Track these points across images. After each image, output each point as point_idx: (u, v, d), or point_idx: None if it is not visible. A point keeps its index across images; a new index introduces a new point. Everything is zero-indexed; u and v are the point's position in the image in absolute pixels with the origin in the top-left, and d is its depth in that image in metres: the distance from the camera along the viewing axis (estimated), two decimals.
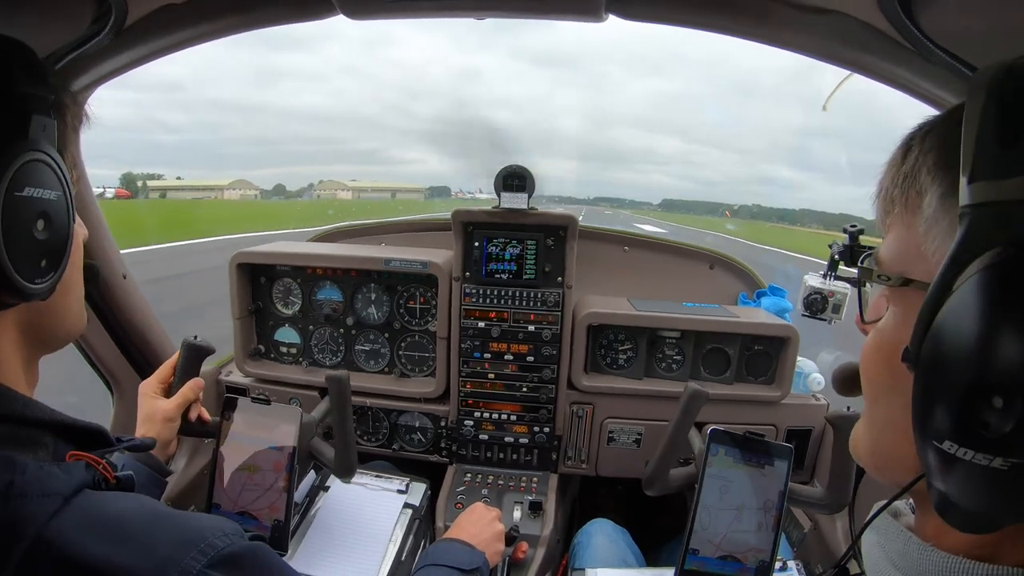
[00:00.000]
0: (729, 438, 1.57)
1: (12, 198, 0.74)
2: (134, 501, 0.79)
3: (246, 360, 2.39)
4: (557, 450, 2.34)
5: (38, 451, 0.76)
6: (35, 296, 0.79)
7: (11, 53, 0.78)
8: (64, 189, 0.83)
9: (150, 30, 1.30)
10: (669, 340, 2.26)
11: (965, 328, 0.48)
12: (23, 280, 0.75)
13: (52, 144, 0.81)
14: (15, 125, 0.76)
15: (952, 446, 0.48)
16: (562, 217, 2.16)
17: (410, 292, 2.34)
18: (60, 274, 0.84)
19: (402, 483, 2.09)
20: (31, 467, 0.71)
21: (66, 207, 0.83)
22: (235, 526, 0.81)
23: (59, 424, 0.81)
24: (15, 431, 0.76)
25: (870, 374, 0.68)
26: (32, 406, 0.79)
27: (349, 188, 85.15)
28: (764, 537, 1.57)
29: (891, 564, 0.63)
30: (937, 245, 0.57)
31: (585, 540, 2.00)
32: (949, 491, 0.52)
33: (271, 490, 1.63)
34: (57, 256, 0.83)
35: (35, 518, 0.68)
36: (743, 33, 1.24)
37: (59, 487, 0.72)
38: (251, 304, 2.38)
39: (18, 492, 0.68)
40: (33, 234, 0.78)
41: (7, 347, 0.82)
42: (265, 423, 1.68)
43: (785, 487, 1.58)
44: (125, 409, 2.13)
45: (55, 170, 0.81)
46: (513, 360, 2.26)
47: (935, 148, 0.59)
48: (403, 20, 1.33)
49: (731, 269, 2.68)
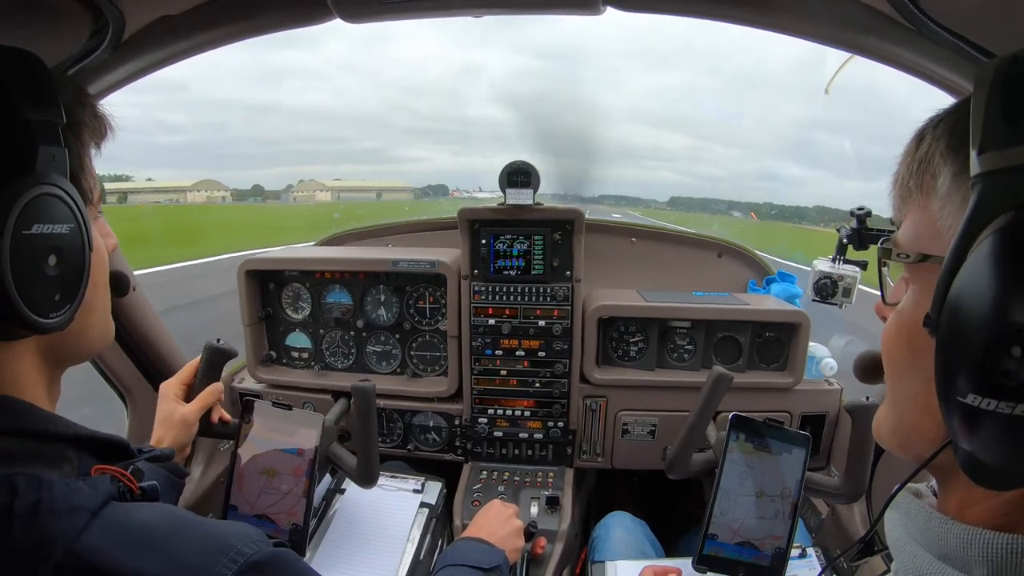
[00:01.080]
0: (750, 424, 1.57)
1: (20, 237, 0.72)
2: (160, 511, 0.79)
3: (258, 366, 2.40)
4: (572, 444, 2.34)
5: (63, 466, 0.76)
6: (50, 329, 0.78)
7: (15, 72, 0.75)
8: (78, 219, 0.81)
9: (148, 42, 1.30)
10: (680, 330, 2.26)
11: (981, 288, 0.50)
12: (36, 316, 0.74)
13: (63, 173, 0.79)
14: (19, 158, 0.74)
15: (976, 399, 0.50)
16: (568, 211, 2.15)
17: (419, 292, 2.35)
18: (77, 305, 0.82)
19: (418, 482, 2.10)
20: (58, 484, 0.71)
21: (80, 237, 0.81)
22: (260, 532, 0.82)
23: (82, 438, 0.80)
24: (40, 448, 0.76)
25: (892, 354, 0.70)
26: (56, 421, 0.79)
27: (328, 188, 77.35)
28: (781, 524, 1.57)
29: (913, 540, 0.64)
30: (952, 220, 0.60)
31: (604, 533, 2.00)
32: (976, 448, 0.53)
33: (290, 495, 1.64)
34: (72, 288, 0.81)
35: (64, 534, 0.68)
36: (744, 20, 1.23)
37: (86, 502, 0.72)
38: (261, 310, 2.39)
39: (46, 509, 0.68)
40: (44, 271, 0.76)
41: (29, 371, 0.82)
42: (285, 428, 1.69)
43: (802, 475, 1.58)
44: (139, 419, 2.14)
45: (66, 202, 0.78)
46: (525, 356, 2.26)
47: (946, 133, 0.63)
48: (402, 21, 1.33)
49: (739, 257, 2.67)
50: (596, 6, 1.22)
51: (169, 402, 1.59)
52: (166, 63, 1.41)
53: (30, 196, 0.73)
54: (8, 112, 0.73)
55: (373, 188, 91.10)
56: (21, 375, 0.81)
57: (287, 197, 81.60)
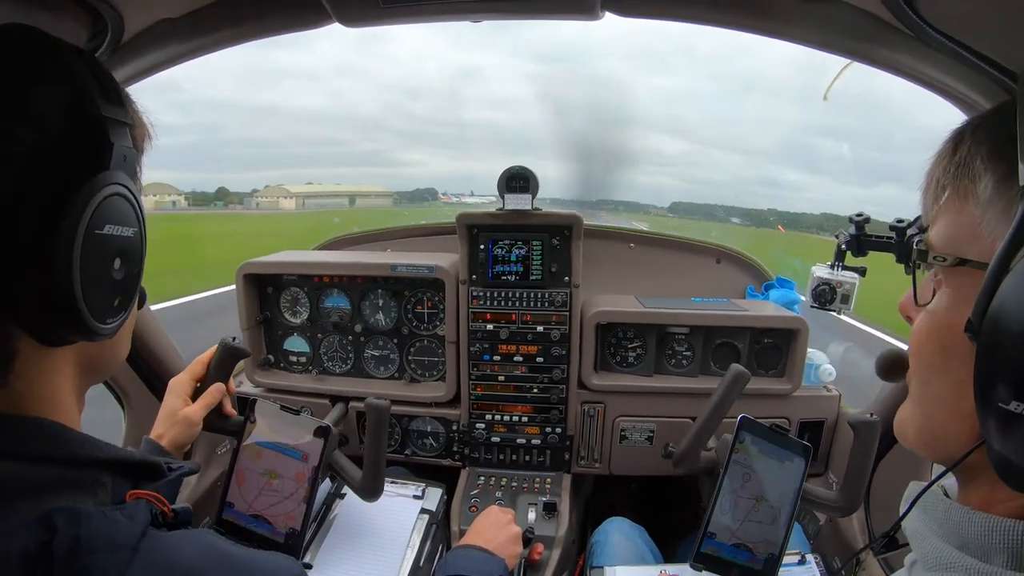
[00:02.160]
0: (757, 428, 1.58)
1: (92, 237, 0.70)
2: (199, 544, 0.77)
3: (256, 370, 2.40)
4: (570, 450, 2.33)
5: (98, 492, 0.73)
6: (104, 336, 0.75)
7: (87, 68, 0.73)
8: (141, 222, 0.79)
9: (148, 45, 1.30)
10: (678, 336, 2.26)
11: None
12: (95, 321, 0.72)
13: (132, 176, 0.76)
14: (97, 155, 0.71)
15: (1018, 405, 0.52)
16: (567, 216, 2.16)
17: (417, 297, 2.35)
18: (130, 312, 0.81)
19: (418, 488, 2.09)
20: (95, 516, 0.67)
21: (141, 243, 0.80)
22: (298, 567, 0.80)
23: (116, 462, 0.77)
24: (75, 474, 0.73)
25: (923, 355, 0.71)
26: (89, 445, 0.75)
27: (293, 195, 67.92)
28: (777, 531, 1.57)
29: (932, 532, 0.65)
30: (994, 226, 0.62)
31: (602, 539, 2.00)
32: (1012, 452, 0.55)
33: (290, 499, 1.63)
34: (130, 294, 0.79)
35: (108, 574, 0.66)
36: (742, 26, 1.23)
37: (126, 537, 0.69)
38: (259, 314, 2.39)
39: (85, 548, 0.65)
40: (111, 274, 0.74)
41: (65, 385, 0.78)
42: (290, 432, 1.68)
43: (800, 486, 1.59)
44: (135, 422, 2.13)
45: (133, 204, 0.77)
46: (523, 362, 2.26)
47: (987, 139, 0.65)
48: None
49: (738, 263, 2.67)
50: (595, 11, 1.22)
51: (175, 398, 1.58)
52: (165, 66, 1.41)
53: (105, 195, 0.71)
54: (87, 106, 0.71)
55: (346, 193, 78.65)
56: (57, 389, 0.77)
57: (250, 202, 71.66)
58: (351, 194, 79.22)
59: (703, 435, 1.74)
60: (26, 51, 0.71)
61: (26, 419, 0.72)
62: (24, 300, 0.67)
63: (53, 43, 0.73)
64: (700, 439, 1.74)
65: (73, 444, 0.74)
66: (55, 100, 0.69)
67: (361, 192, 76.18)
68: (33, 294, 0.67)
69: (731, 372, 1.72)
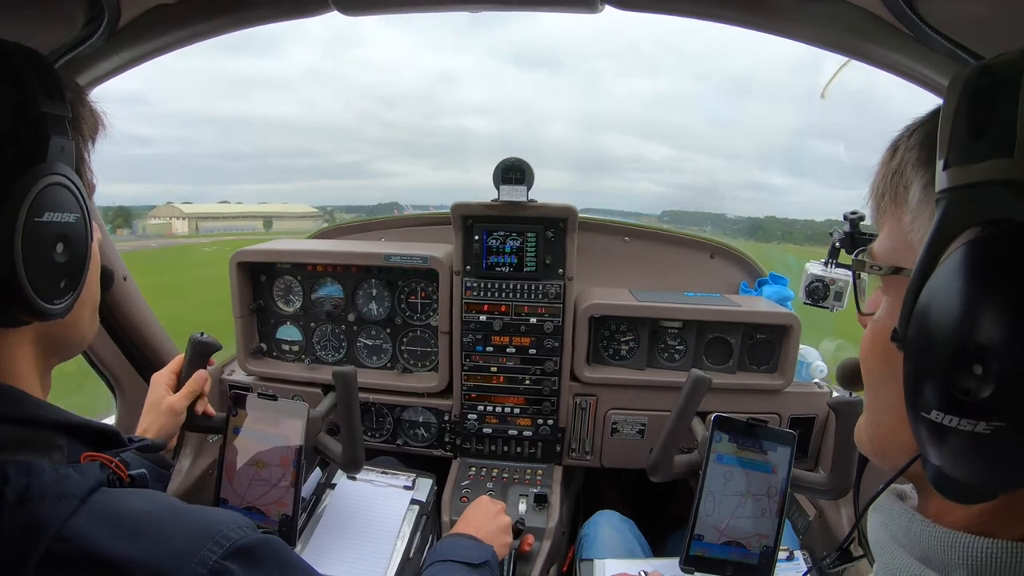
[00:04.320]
0: (732, 425, 1.58)
1: (32, 224, 0.74)
2: (149, 497, 0.80)
3: (248, 359, 2.39)
4: (561, 442, 2.34)
5: (53, 454, 0.77)
6: (54, 316, 0.80)
7: (27, 67, 0.77)
8: (83, 210, 0.83)
9: (144, 31, 1.29)
10: (671, 330, 2.26)
11: (945, 304, 0.51)
12: (42, 302, 0.76)
13: (70, 164, 0.81)
14: (34, 148, 0.76)
15: (939, 415, 0.51)
16: (562, 209, 2.15)
17: (411, 287, 2.34)
18: (79, 293, 0.84)
19: (409, 479, 2.10)
20: (47, 470, 0.72)
21: (84, 227, 0.83)
22: (247, 520, 0.82)
23: (73, 425, 0.81)
24: (30, 434, 0.76)
25: (868, 363, 0.70)
26: (46, 408, 0.80)
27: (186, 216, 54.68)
28: (768, 523, 1.58)
29: (896, 543, 0.65)
30: (921, 233, 0.60)
31: (592, 531, 2.00)
32: (942, 463, 0.54)
33: (278, 486, 1.64)
34: (76, 276, 0.83)
35: (52, 519, 0.69)
36: (741, 22, 1.23)
37: (75, 488, 0.73)
38: (252, 303, 2.38)
39: (34, 495, 0.69)
40: (53, 258, 0.78)
41: (24, 360, 0.83)
42: (272, 419, 1.70)
43: (788, 473, 1.59)
44: (128, 409, 2.13)
45: (73, 192, 0.80)
46: (515, 353, 2.26)
47: (918, 144, 0.63)
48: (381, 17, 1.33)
49: (732, 258, 2.68)
50: (594, 4, 1.21)
51: (158, 390, 1.60)
52: (161, 52, 1.40)
53: (43, 185, 0.75)
54: (24, 103, 0.75)
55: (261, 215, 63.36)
56: (16, 363, 0.82)
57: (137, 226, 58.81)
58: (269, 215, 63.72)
59: (671, 443, 1.75)
60: None
61: None
62: None
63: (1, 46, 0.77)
64: (669, 447, 1.75)
65: (30, 406, 0.78)
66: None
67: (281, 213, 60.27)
68: None
69: (691, 377, 1.73)
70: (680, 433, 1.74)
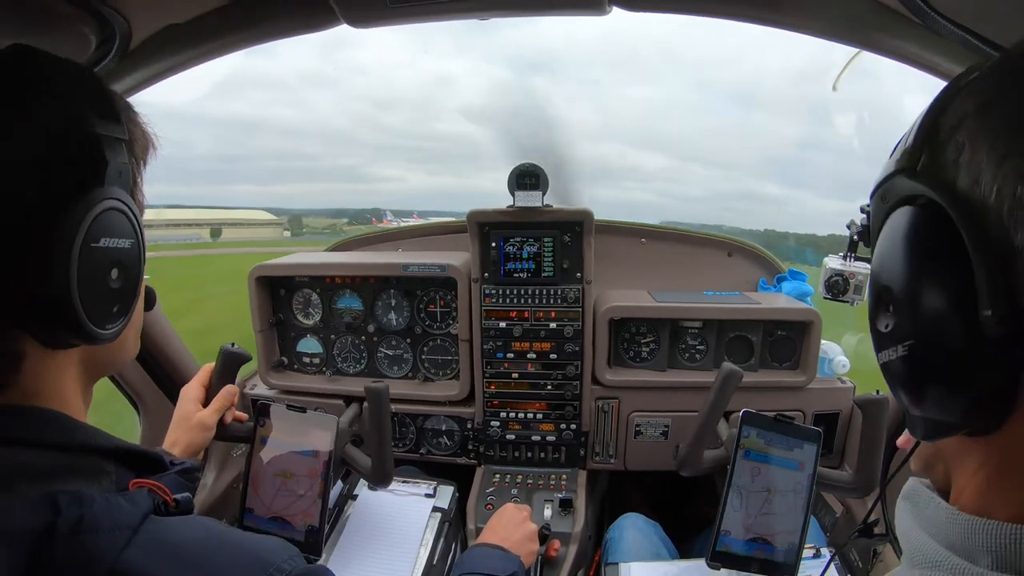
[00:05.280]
0: (761, 420, 1.58)
1: (88, 250, 0.74)
2: (199, 526, 0.80)
3: (269, 372, 2.41)
4: (584, 446, 2.33)
5: (102, 480, 0.77)
6: (105, 341, 0.80)
7: (79, 86, 0.77)
8: (137, 235, 0.83)
9: (156, 50, 1.31)
10: (691, 330, 2.25)
11: (872, 268, 0.65)
12: (94, 327, 0.76)
13: (127, 188, 0.81)
14: (92, 172, 0.76)
15: (881, 356, 0.63)
16: (578, 213, 2.15)
17: (430, 296, 2.35)
18: (130, 317, 0.85)
19: (429, 487, 2.11)
20: (99, 500, 0.71)
21: (139, 253, 0.84)
22: (295, 549, 0.83)
23: (121, 451, 0.81)
24: (80, 461, 0.77)
25: None
26: (94, 435, 0.80)
27: None
28: (794, 520, 1.57)
29: (922, 530, 0.64)
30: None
31: (617, 535, 2.00)
32: (900, 399, 0.63)
33: (305, 496, 1.65)
34: (128, 301, 0.83)
35: (107, 552, 0.69)
36: (751, 17, 1.23)
37: (127, 519, 0.73)
38: (272, 317, 2.40)
39: (88, 527, 0.69)
40: (108, 283, 0.78)
41: (70, 382, 0.83)
42: (300, 430, 1.71)
43: (814, 470, 1.58)
44: (151, 427, 2.15)
45: (129, 217, 0.81)
46: (536, 358, 2.26)
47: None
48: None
49: (749, 255, 2.66)
50: (602, 6, 1.22)
51: (188, 404, 1.61)
52: (173, 71, 1.42)
53: (100, 209, 0.75)
54: (82, 126, 0.75)
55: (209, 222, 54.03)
56: (63, 387, 0.82)
57: None
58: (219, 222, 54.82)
59: (702, 437, 1.74)
60: (27, 73, 0.75)
61: (35, 409, 0.77)
62: (28, 309, 0.72)
63: (53, 64, 0.78)
64: (700, 441, 1.74)
65: (78, 433, 0.79)
66: (53, 121, 0.74)
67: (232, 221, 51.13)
68: (36, 303, 0.72)
69: (722, 371, 1.73)
70: (711, 427, 1.73)
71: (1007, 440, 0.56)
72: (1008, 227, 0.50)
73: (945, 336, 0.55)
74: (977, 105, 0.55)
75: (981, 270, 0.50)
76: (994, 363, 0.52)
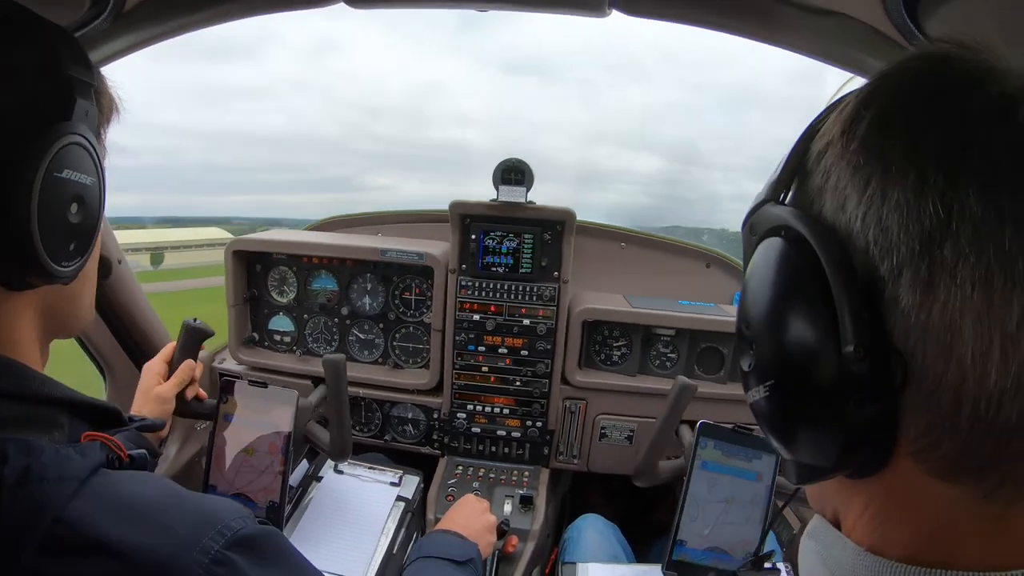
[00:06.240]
0: (718, 432, 1.59)
1: (51, 178, 0.74)
2: (150, 482, 0.80)
3: (240, 347, 2.39)
4: (549, 445, 2.34)
5: (54, 432, 0.76)
6: (61, 278, 0.79)
7: (57, 36, 0.78)
8: (99, 173, 0.83)
9: (150, 13, 1.29)
10: (664, 338, 2.27)
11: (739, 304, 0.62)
12: (52, 262, 0.76)
13: (92, 130, 0.81)
14: (60, 106, 0.77)
15: (748, 397, 0.60)
16: (560, 212, 2.16)
17: (406, 283, 2.34)
18: (87, 258, 0.84)
19: (395, 476, 2.10)
20: (48, 450, 0.70)
21: (99, 193, 0.84)
22: (247, 510, 0.82)
23: (75, 403, 0.81)
24: (32, 411, 0.76)
25: None
26: (49, 384, 0.79)
27: None
28: (752, 531, 1.59)
29: (827, 570, 0.61)
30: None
31: (575, 535, 2.00)
32: (770, 442, 0.60)
33: (266, 472, 1.65)
34: (86, 240, 0.83)
35: (53, 502, 0.68)
36: (745, 32, 1.23)
37: (76, 470, 0.72)
38: (246, 292, 2.38)
39: (35, 476, 0.68)
40: (67, 216, 0.78)
41: (26, 329, 0.82)
42: (262, 406, 1.70)
43: (773, 481, 1.60)
44: (118, 394, 2.13)
45: (92, 155, 0.81)
46: (507, 354, 2.26)
47: None
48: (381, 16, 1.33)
49: (727, 268, 2.68)
50: (602, 8, 1.22)
51: (150, 378, 1.60)
52: (167, 35, 1.39)
53: (65, 142, 0.75)
54: (55, 63, 0.76)
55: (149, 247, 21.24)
56: (17, 332, 0.81)
57: None
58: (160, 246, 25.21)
59: (656, 449, 1.75)
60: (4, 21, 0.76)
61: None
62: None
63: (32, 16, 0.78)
64: (654, 453, 1.75)
65: (32, 381, 0.77)
66: (26, 60, 0.75)
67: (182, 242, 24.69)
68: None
69: (677, 384, 1.74)
70: (665, 439, 1.74)
71: (890, 482, 0.53)
72: (873, 256, 0.48)
73: (809, 374, 0.52)
74: (843, 126, 0.53)
75: (843, 301, 0.48)
76: (863, 402, 0.49)
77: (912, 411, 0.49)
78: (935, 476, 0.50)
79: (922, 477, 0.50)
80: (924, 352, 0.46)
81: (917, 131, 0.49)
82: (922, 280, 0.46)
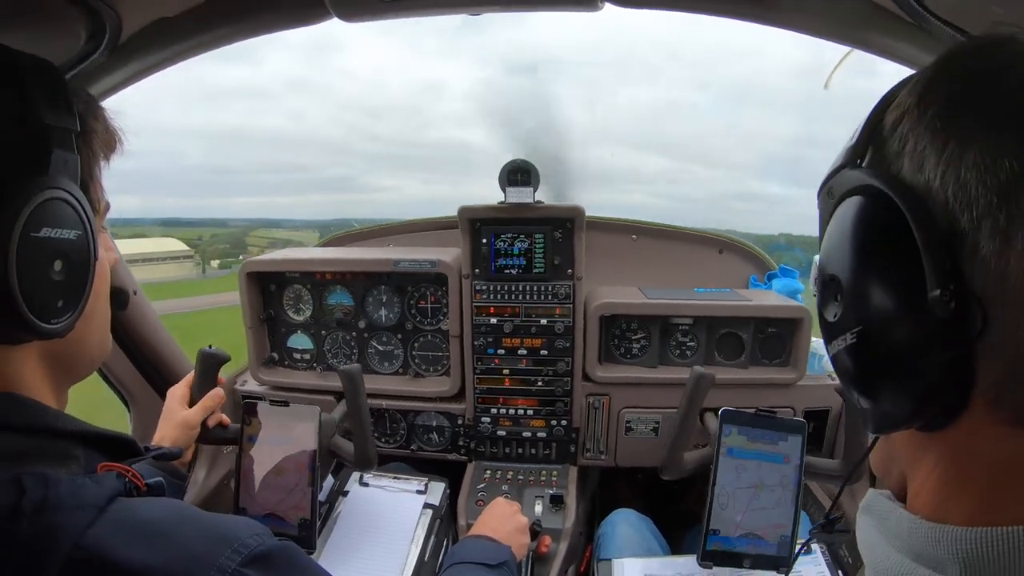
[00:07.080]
0: (740, 417, 1.59)
1: (28, 239, 0.72)
2: (166, 505, 0.80)
3: (260, 368, 2.40)
4: (575, 442, 2.34)
5: (70, 464, 0.77)
6: (51, 335, 0.78)
7: (34, 77, 0.76)
8: (86, 226, 0.81)
9: (146, 45, 1.30)
10: (682, 327, 2.26)
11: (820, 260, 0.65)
12: (38, 320, 0.74)
13: (74, 179, 0.79)
14: (34, 161, 0.74)
15: (831, 348, 0.62)
16: (569, 209, 2.15)
17: (420, 292, 2.34)
18: (79, 313, 0.82)
19: (421, 483, 2.10)
20: (64, 481, 0.71)
21: (87, 245, 0.82)
22: (263, 527, 0.82)
23: (88, 435, 0.81)
24: (47, 445, 0.76)
25: None
26: (63, 419, 0.80)
27: None
28: (784, 513, 1.58)
29: (887, 542, 0.62)
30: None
31: (609, 530, 2.00)
32: (850, 393, 0.63)
33: (295, 490, 1.66)
34: (76, 295, 0.81)
35: (70, 529, 0.69)
36: (743, 15, 1.23)
37: (92, 499, 0.72)
38: (263, 312, 2.39)
39: (52, 506, 0.69)
40: (49, 275, 0.76)
41: (34, 375, 0.82)
42: (285, 424, 1.72)
43: (801, 462, 1.59)
44: (142, 423, 2.15)
45: (75, 208, 0.79)
46: (527, 355, 2.26)
47: None
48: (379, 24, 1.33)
49: (740, 253, 2.67)
50: (594, 3, 1.21)
51: (173, 403, 1.62)
52: (164, 65, 1.40)
53: (41, 199, 0.73)
54: (27, 115, 0.74)
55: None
56: (26, 377, 0.81)
57: None
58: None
59: (679, 441, 1.75)
60: None
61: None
62: None
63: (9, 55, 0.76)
64: (677, 445, 1.76)
65: (46, 416, 0.78)
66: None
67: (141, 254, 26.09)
68: None
69: (693, 375, 1.75)
70: (687, 432, 1.74)
71: (961, 437, 0.55)
72: (953, 210, 0.51)
73: (893, 320, 0.55)
74: (918, 97, 0.56)
75: (928, 250, 0.51)
76: (944, 348, 0.52)
77: (989, 357, 0.51)
78: (1008, 424, 0.52)
79: (995, 428, 0.52)
80: (1003, 299, 0.49)
81: (989, 100, 0.53)
82: (1001, 229, 0.48)
